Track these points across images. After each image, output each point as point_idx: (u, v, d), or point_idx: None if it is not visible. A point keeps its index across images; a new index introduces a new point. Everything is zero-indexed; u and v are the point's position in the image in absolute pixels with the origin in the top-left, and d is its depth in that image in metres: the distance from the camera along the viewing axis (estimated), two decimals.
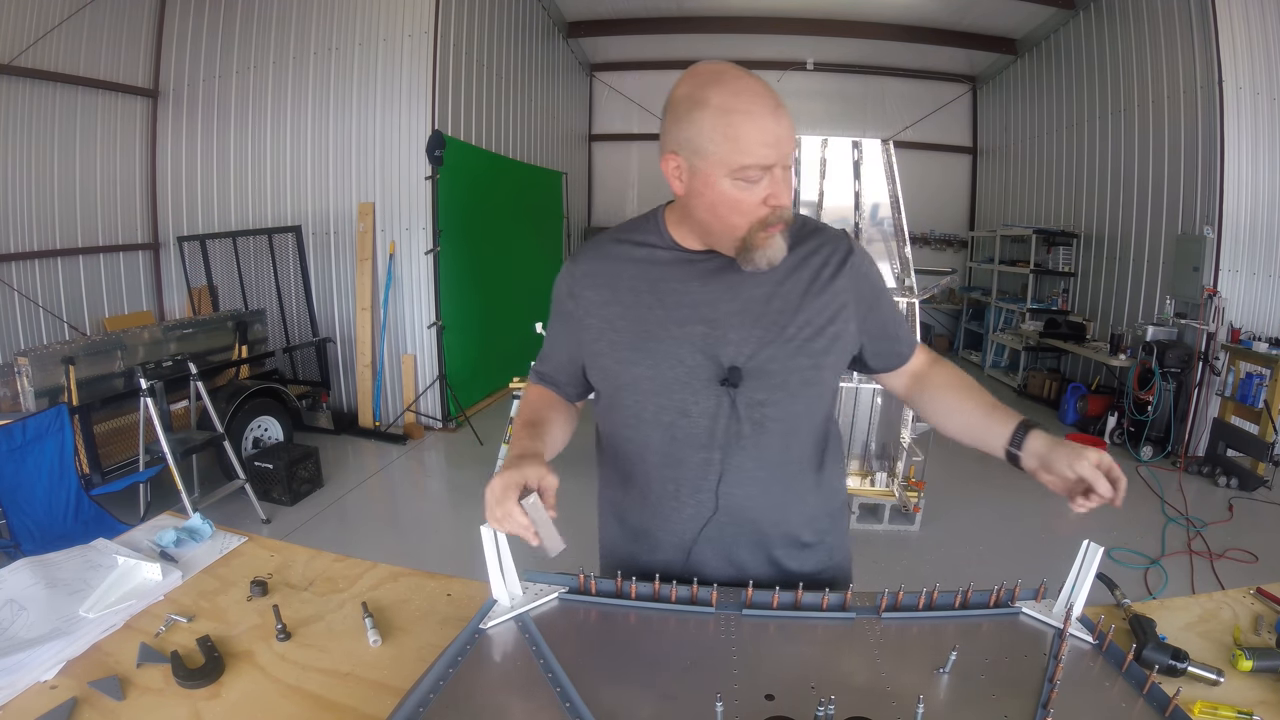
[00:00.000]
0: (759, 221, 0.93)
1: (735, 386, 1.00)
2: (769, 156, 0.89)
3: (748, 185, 0.91)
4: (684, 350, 1.02)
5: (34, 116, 4.92)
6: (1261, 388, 4.60)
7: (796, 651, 0.95)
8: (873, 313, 1.09)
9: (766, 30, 8.07)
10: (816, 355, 1.03)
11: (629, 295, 1.05)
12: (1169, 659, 0.92)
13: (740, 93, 0.89)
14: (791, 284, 1.03)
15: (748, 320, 1.01)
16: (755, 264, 0.96)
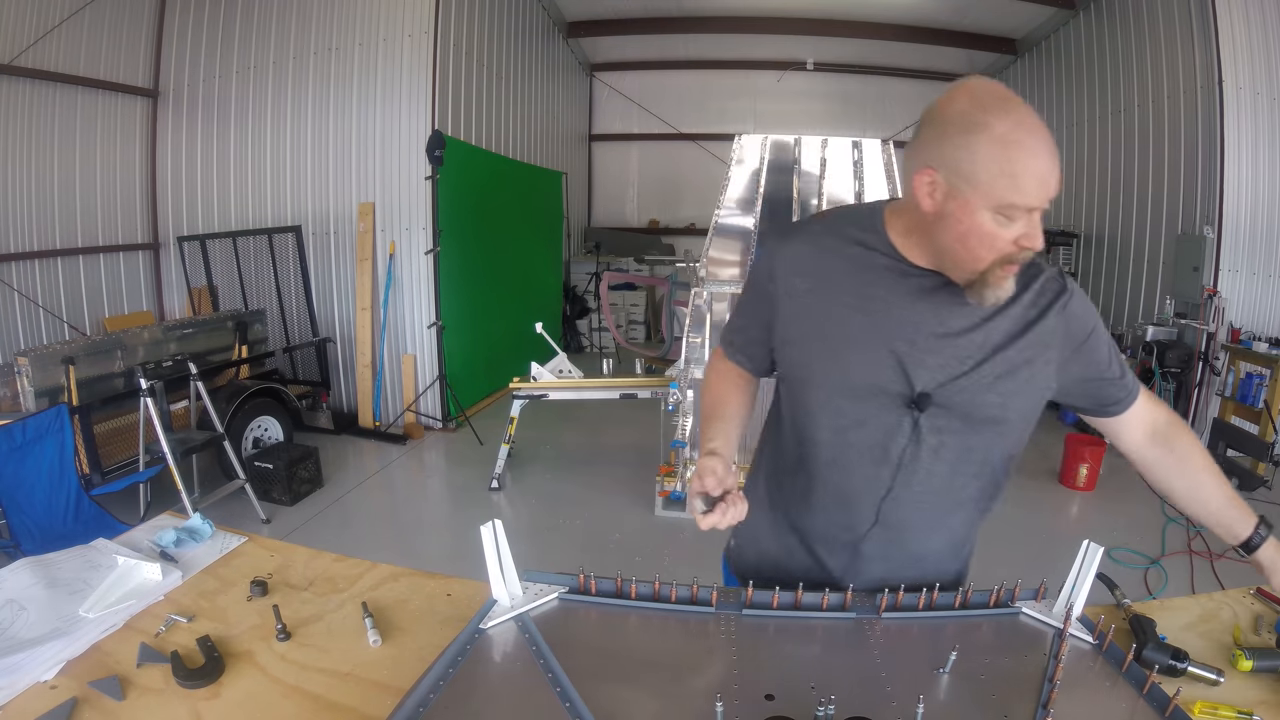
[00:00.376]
0: (1002, 258, 0.89)
1: (921, 411, 0.98)
2: (1040, 199, 0.85)
3: (1007, 222, 0.86)
4: (877, 362, 0.99)
5: (34, 116, 4.91)
6: (1261, 388, 4.60)
7: (796, 651, 0.95)
8: (1078, 355, 1.03)
9: (766, 30, 8.07)
10: (1005, 395, 0.99)
11: (833, 291, 1.02)
12: (1169, 659, 0.92)
13: (1025, 126, 0.83)
14: (999, 320, 0.98)
15: (948, 348, 0.97)
16: (983, 300, 0.92)
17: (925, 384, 0.97)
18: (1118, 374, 1.07)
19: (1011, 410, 1.01)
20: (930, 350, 0.97)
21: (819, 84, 9.37)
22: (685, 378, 3.51)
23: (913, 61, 8.92)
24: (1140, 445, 1.11)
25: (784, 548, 1.16)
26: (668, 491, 3.90)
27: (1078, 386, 1.06)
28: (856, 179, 3.82)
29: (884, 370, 0.98)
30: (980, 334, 0.97)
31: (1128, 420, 1.09)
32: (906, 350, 0.97)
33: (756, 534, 1.21)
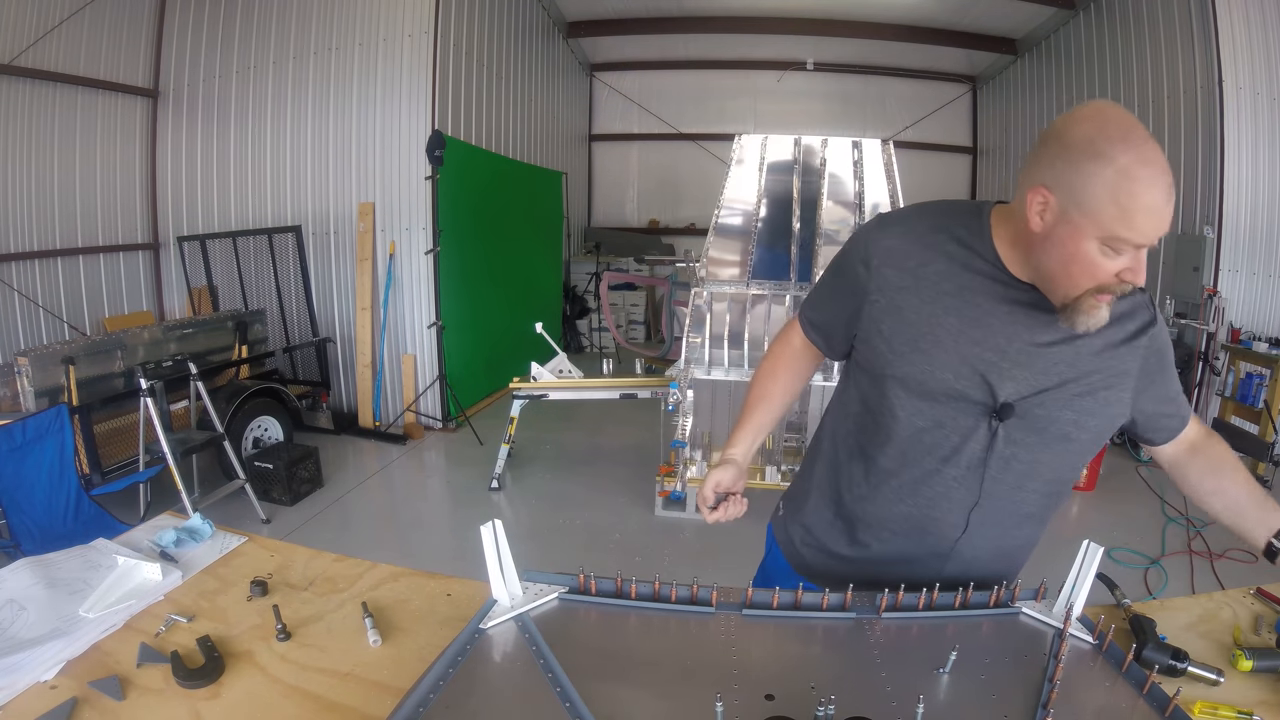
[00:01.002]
0: (1099, 287, 0.88)
1: (1002, 421, 0.99)
2: (1149, 237, 0.84)
3: (1113, 255, 0.86)
4: (965, 367, 0.99)
5: (34, 116, 4.91)
6: (1261, 388, 4.60)
7: (796, 651, 0.95)
8: (1153, 385, 1.05)
9: (766, 30, 8.08)
10: (1081, 413, 1.00)
11: (929, 289, 1.01)
12: (1169, 659, 0.92)
13: (1149, 163, 0.81)
14: (1086, 340, 0.98)
15: (1035, 362, 0.98)
16: (1074, 325, 0.92)
17: (1009, 395, 0.98)
18: (1182, 408, 1.11)
19: (1084, 430, 1.02)
20: (1018, 363, 0.98)
21: (819, 84, 9.37)
22: (685, 378, 3.51)
23: (913, 61, 8.92)
24: (1174, 457, 1.14)
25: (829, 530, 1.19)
26: (668, 491, 3.90)
27: (1144, 418, 1.08)
28: (856, 179, 3.82)
29: (970, 377, 0.99)
30: (1068, 351, 0.98)
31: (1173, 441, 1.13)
32: (995, 360, 0.98)
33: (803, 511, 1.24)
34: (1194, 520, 3.93)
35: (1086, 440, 1.04)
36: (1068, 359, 0.98)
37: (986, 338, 0.98)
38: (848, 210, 3.85)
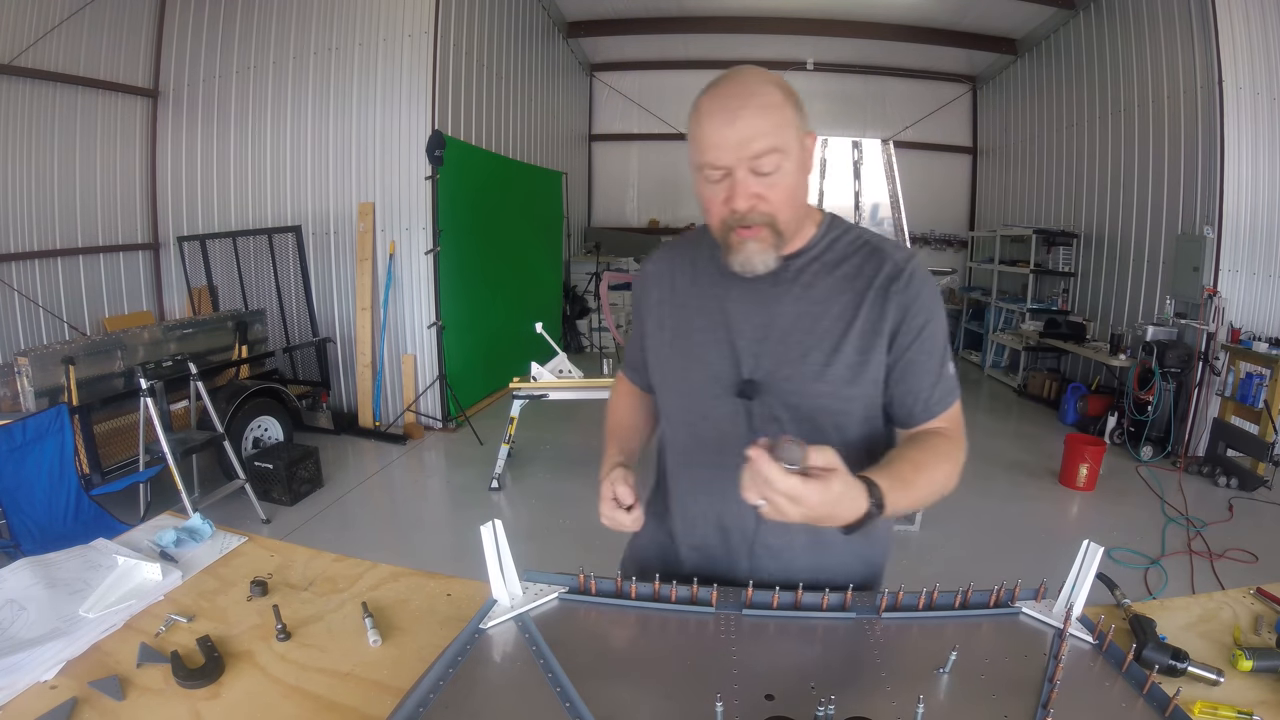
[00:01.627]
0: (723, 223, 0.95)
1: (750, 399, 1.01)
2: (720, 158, 0.90)
3: (710, 184, 0.93)
4: (711, 355, 1.04)
5: (34, 116, 4.92)
6: (1261, 388, 4.60)
7: (796, 651, 0.95)
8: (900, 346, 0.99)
9: (766, 30, 8.07)
10: (837, 384, 0.99)
11: (680, 296, 1.09)
12: (1169, 659, 0.92)
13: (715, 95, 0.92)
14: (824, 304, 0.99)
15: (774, 335, 1.00)
16: (734, 267, 0.97)
17: (751, 371, 1.01)
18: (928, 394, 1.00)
19: (844, 399, 1.00)
20: (757, 339, 1.01)
21: (819, 84, 9.36)
22: None
23: (913, 61, 8.92)
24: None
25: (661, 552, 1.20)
26: None
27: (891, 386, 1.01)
28: (856, 178, 3.82)
29: (716, 360, 1.03)
30: (807, 320, 1.00)
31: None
32: (736, 341, 1.02)
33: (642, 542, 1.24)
34: (1194, 520, 3.93)
35: (856, 410, 1.01)
36: (804, 328, 1.00)
37: (725, 322, 1.03)
38: (848, 210, 3.85)
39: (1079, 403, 5.99)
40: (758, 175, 0.91)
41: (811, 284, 1.01)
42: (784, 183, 0.92)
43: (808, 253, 1.03)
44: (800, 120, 0.94)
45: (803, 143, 0.94)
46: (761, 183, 0.91)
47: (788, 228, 0.96)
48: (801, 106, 0.95)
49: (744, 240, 0.94)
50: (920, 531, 3.83)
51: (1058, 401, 6.40)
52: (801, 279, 1.01)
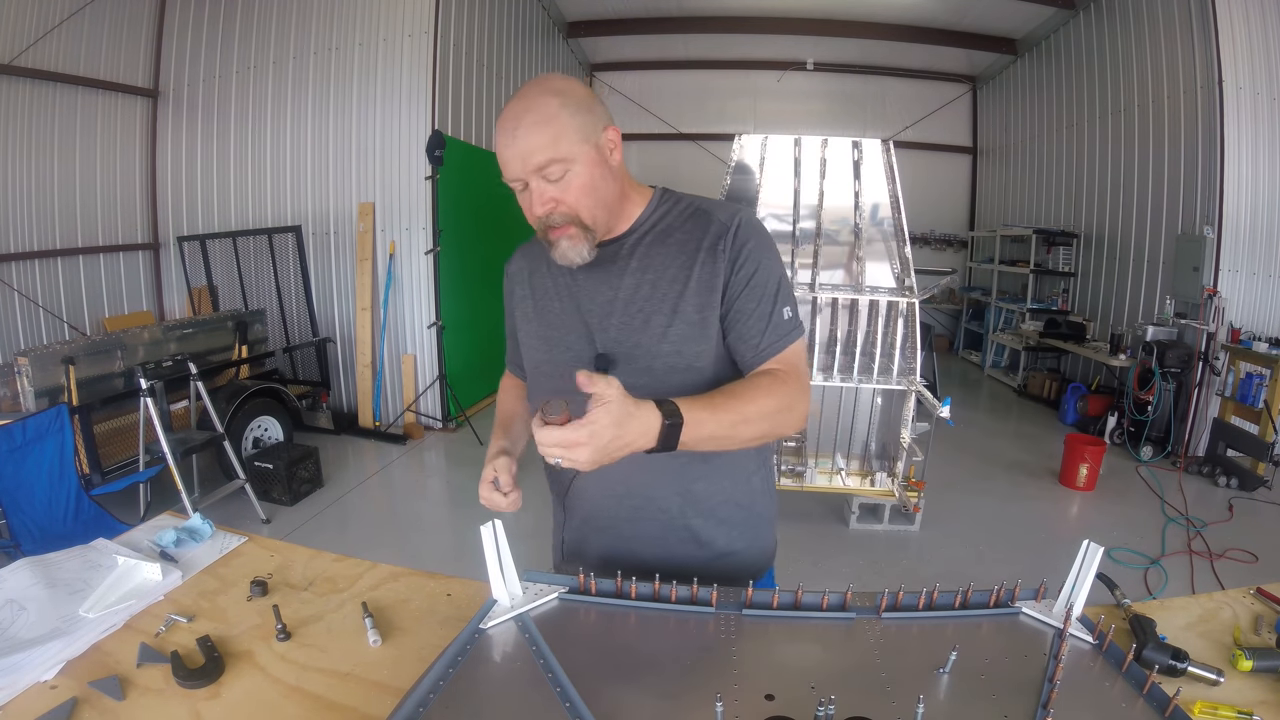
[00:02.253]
0: (537, 225, 1.04)
1: (606, 371, 1.05)
2: (512, 172, 0.99)
3: (519, 194, 1.03)
4: (571, 337, 1.10)
5: (34, 116, 4.92)
6: (1261, 388, 4.60)
7: (796, 651, 0.95)
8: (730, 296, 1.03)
9: (766, 30, 8.07)
10: (678, 342, 1.04)
11: (539, 290, 1.17)
12: (1169, 659, 0.92)
13: (503, 115, 0.98)
14: (660, 271, 1.05)
15: (618, 308, 1.07)
16: (558, 261, 1.06)
17: (604, 345, 1.07)
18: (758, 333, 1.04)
19: (690, 357, 1.04)
20: (606, 314, 1.07)
21: (819, 84, 9.37)
22: None
23: (913, 61, 8.92)
24: None
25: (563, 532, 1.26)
26: None
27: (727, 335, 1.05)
28: (856, 179, 3.82)
29: (576, 340, 1.09)
30: (645, 288, 1.05)
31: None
32: (587, 320, 1.09)
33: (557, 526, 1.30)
34: (1194, 520, 3.93)
35: (705, 366, 1.04)
36: (644, 296, 1.05)
37: (578, 305, 1.10)
38: (848, 210, 3.85)
39: (1079, 403, 5.99)
40: (549, 182, 0.99)
41: (647, 254, 1.07)
42: (576, 184, 0.99)
43: (639, 229, 1.10)
44: (582, 121, 0.97)
45: (594, 141, 0.99)
46: (554, 188, 0.99)
47: (595, 220, 1.03)
48: (584, 106, 0.98)
49: (557, 239, 1.03)
50: (920, 531, 3.83)
51: (1058, 401, 6.40)
52: (637, 252, 1.08)
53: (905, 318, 3.64)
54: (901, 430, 3.66)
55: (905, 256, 3.74)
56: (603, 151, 1.01)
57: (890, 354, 3.67)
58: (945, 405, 3.25)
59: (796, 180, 3.90)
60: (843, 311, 3.79)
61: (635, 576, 1.05)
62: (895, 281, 3.78)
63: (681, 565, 1.13)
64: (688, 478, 1.12)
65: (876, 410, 3.95)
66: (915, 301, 3.62)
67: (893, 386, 3.63)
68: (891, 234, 3.81)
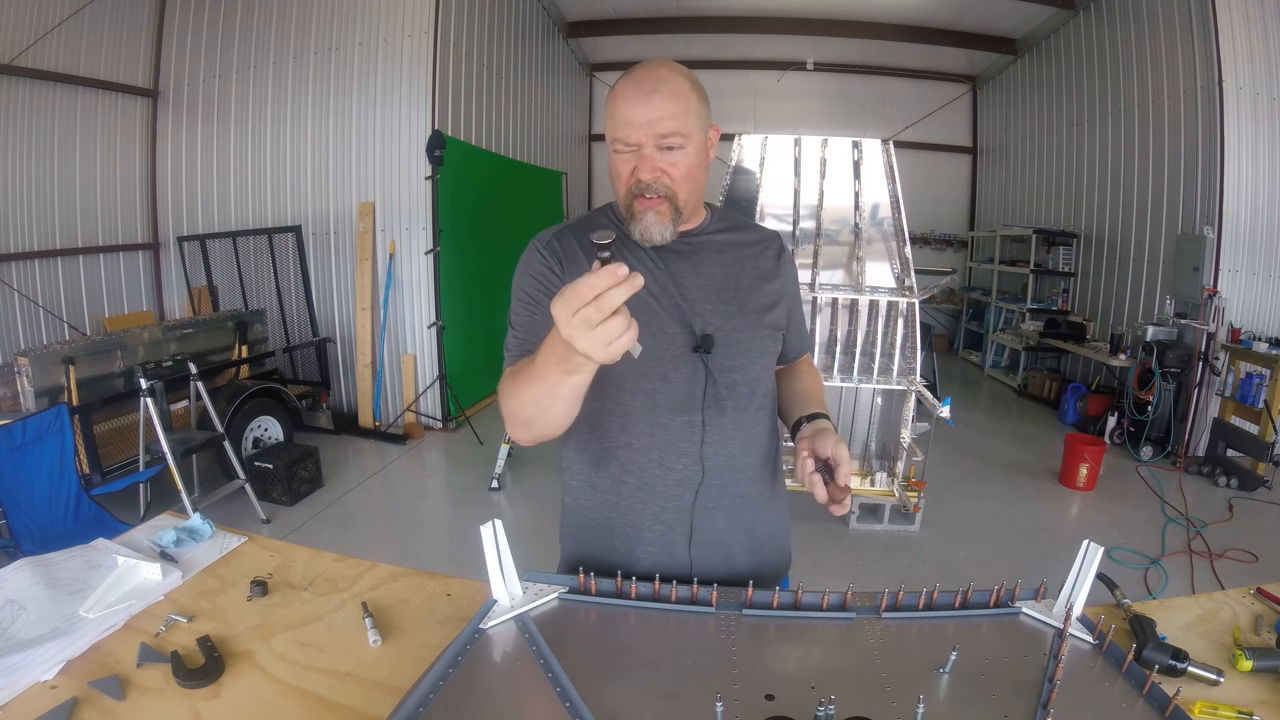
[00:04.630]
0: (629, 191, 1.04)
1: (708, 353, 1.08)
2: (631, 135, 0.99)
3: (620, 157, 1.03)
4: (663, 319, 1.09)
5: (34, 116, 4.92)
6: (1261, 388, 4.60)
7: (796, 651, 0.95)
8: (795, 304, 1.24)
9: (766, 30, 8.08)
10: (770, 328, 1.15)
11: None
12: (1169, 659, 0.92)
13: (631, 80, 1.01)
14: (743, 267, 1.15)
15: (712, 295, 1.11)
16: (636, 235, 1.06)
17: (704, 328, 1.09)
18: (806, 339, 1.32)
19: (775, 341, 1.18)
20: (699, 299, 1.10)
21: (819, 84, 9.37)
22: None
23: (913, 61, 8.92)
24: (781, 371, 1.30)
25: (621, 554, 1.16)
26: None
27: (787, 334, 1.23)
28: (856, 179, 3.82)
29: (669, 323, 1.09)
30: (733, 280, 1.13)
31: None
32: (682, 304, 1.09)
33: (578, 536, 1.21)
34: (1194, 520, 3.93)
35: (775, 351, 1.20)
36: (735, 285, 1.13)
37: (666, 288, 1.10)
38: (847, 210, 3.85)
39: (1079, 403, 5.99)
40: (663, 151, 1.01)
41: (725, 249, 1.15)
42: (684, 162, 1.02)
43: (707, 228, 1.17)
44: (704, 112, 1.04)
45: (705, 133, 1.05)
46: (665, 158, 1.01)
47: (685, 205, 1.06)
48: (706, 99, 1.06)
49: (645, 210, 1.04)
50: (920, 531, 3.83)
51: (1058, 401, 6.40)
52: (717, 246, 1.15)
53: (905, 318, 3.65)
54: (901, 430, 3.66)
55: (905, 256, 3.74)
56: (709, 147, 1.08)
57: (890, 354, 3.67)
58: (945, 405, 3.25)
59: (796, 180, 3.90)
60: (843, 311, 3.80)
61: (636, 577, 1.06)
62: (895, 281, 3.78)
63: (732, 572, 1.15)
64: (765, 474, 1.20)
65: (876, 410, 3.95)
66: (915, 301, 3.62)
67: (893, 386, 3.64)
68: (891, 234, 3.81)
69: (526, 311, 1.12)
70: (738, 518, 1.15)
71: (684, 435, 1.10)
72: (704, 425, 1.10)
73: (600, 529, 1.17)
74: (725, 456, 1.12)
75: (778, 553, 1.25)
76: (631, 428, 1.10)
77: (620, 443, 1.12)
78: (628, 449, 1.11)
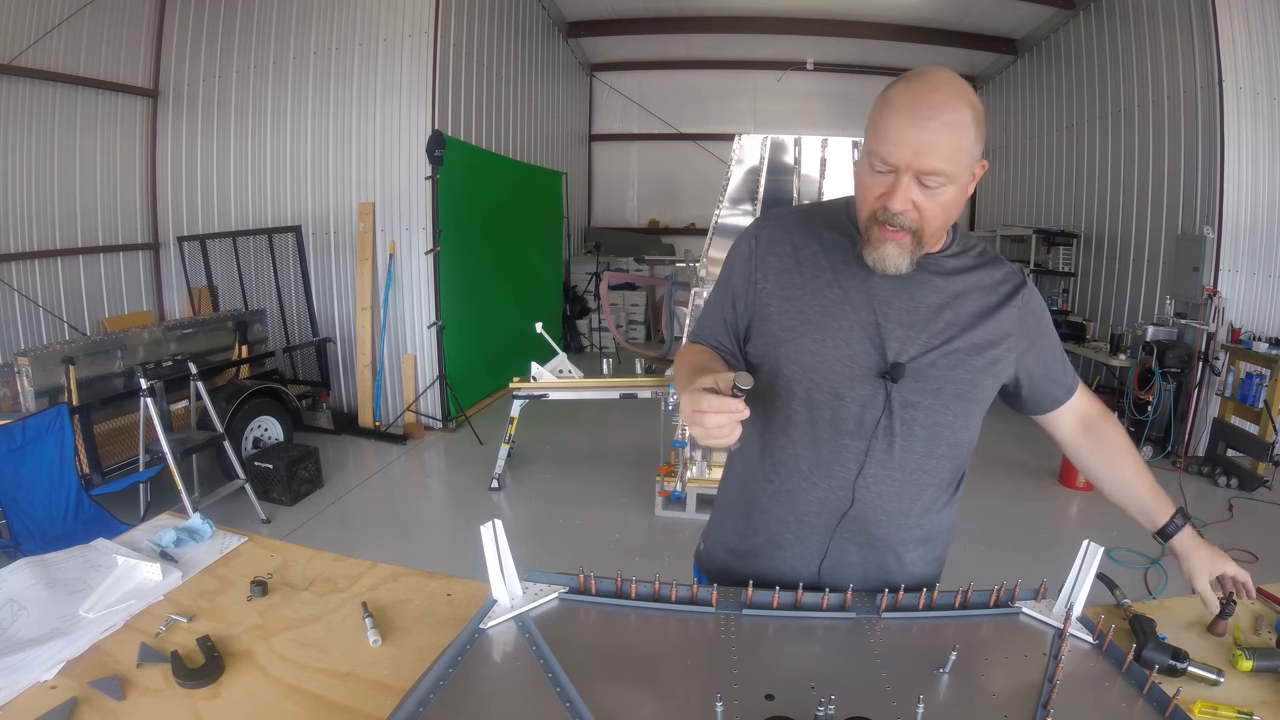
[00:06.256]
0: (872, 215, 0.96)
1: (895, 381, 1.01)
2: (895, 155, 0.90)
3: (875, 173, 0.94)
4: (854, 333, 1.02)
5: (34, 116, 4.91)
6: (1261, 388, 4.60)
7: (796, 651, 0.95)
8: (1034, 349, 1.10)
9: (766, 30, 8.08)
10: (974, 372, 1.04)
11: (810, 269, 1.06)
12: (1169, 659, 0.92)
13: (910, 92, 0.90)
14: (964, 301, 1.05)
15: (918, 322, 1.02)
16: (869, 261, 0.98)
17: (897, 354, 1.02)
18: (1065, 378, 1.17)
19: (979, 389, 1.06)
20: (901, 324, 1.02)
21: (819, 84, 9.37)
22: None
23: (913, 61, 8.90)
24: (1072, 432, 1.21)
25: (752, 547, 1.15)
26: (668, 491, 3.90)
27: (1029, 381, 1.13)
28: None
29: (859, 339, 1.02)
30: (949, 312, 1.04)
31: (1063, 411, 1.19)
32: (879, 322, 1.02)
33: (724, 537, 1.21)
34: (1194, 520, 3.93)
35: (982, 400, 1.09)
36: (949, 319, 1.03)
37: (870, 304, 1.03)
38: None
39: None
40: (921, 186, 0.92)
41: (951, 278, 1.05)
42: (941, 200, 0.93)
43: (944, 253, 1.07)
44: (979, 146, 0.94)
45: (972, 169, 0.95)
46: (922, 194, 0.92)
47: (930, 240, 0.99)
48: (983, 132, 0.95)
49: (885, 239, 0.96)
50: None
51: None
52: (940, 273, 1.05)
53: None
54: None
55: None
56: (972, 181, 0.98)
57: None
58: None
59: (797, 180, 3.90)
60: None
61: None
62: None
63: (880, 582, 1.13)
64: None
65: None
66: None
67: None
68: None
69: (713, 299, 1.18)
70: (870, 559, 1.10)
71: (841, 458, 1.04)
72: (867, 454, 1.03)
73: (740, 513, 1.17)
74: (878, 495, 1.05)
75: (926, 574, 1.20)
76: (792, 432, 1.07)
77: (780, 442, 1.09)
78: (783, 451, 1.09)
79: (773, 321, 1.07)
